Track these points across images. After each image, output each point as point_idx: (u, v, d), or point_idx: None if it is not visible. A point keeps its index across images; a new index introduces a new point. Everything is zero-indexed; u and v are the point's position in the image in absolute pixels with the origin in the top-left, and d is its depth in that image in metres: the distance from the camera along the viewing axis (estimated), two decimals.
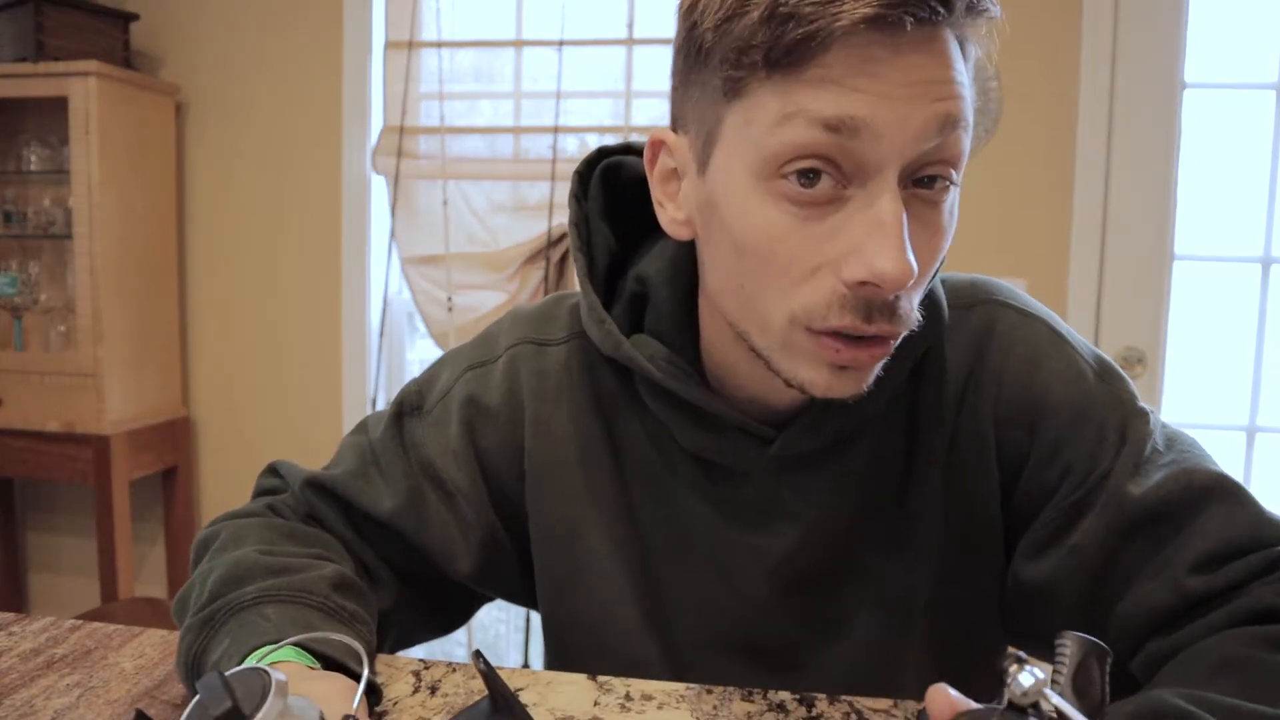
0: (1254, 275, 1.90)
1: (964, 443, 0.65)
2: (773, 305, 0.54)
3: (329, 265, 2.22)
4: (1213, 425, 1.93)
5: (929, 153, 0.51)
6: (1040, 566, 0.63)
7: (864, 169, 0.51)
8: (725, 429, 0.64)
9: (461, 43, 2.13)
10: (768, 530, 0.66)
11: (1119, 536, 0.60)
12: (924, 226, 0.53)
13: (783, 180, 0.51)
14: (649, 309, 0.66)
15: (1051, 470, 0.63)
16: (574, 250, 0.67)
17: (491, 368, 0.72)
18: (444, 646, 2.50)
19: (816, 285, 0.52)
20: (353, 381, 2.21)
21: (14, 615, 0.76)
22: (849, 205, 0.51)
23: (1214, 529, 0.57)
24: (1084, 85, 1.86)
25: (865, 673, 0.68)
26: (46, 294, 2.19)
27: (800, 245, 0.52)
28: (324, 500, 0.73)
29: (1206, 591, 0.56)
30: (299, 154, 2.21)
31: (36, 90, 2.02)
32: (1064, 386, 0.63)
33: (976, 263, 1.94)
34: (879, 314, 0.52)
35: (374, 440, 0.74)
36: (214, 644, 0.60)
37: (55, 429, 2.08)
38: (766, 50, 0.50)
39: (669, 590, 0.69)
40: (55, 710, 0.60)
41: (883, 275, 0.49)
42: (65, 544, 2.47)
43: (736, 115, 0.53)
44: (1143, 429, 0.62)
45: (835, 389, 0.55)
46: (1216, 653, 0.52)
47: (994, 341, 0.65)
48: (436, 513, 0.71)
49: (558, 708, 0.62)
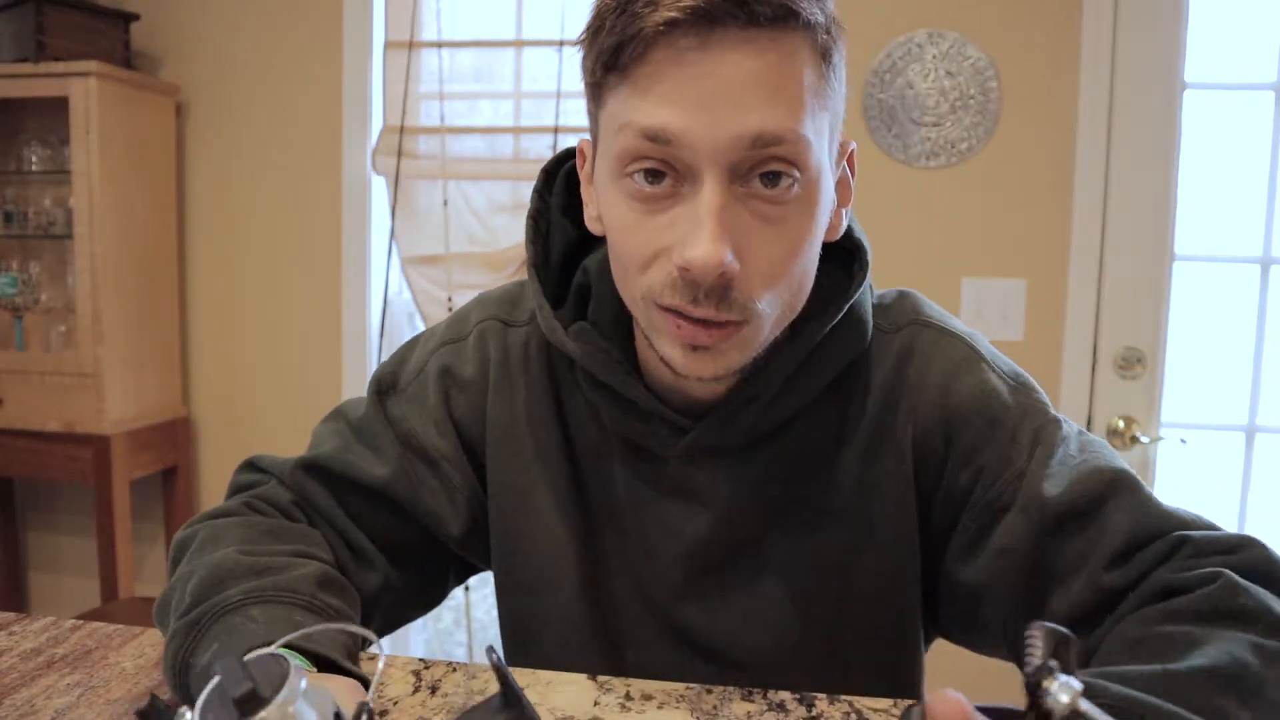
0: (1254, 276, 1.90)
1: (884, 452, 0.69)
2: (634, 287, 0.61)
3: (329, 265, 2.22)
4: (1212, 425, 1.93)
5: (753, 156, 0.56)
6: (974, 569, 0.67)
7: (691, 170, 0.57)
8: (646, 415, 0.69)
9: (461, 43, 2.13)
10: (683, 514, 0.71)
11: (1042, 536, 0.64)
12: (765, 222, 0.58)
13: (629, 179, 0.58)
14: (591, 299, 0.72)
15: (966, 473, 0.68)
16: (527, 242, 0.72)
17: (464, 343, 0.78)
18: (444, 646, 2.50)
19: (658, 268, 0.59)
20: (353, 381, 2.21)
21: (14, 615, 0.76)
22: (683, 200, 0.57)
23: (1123, 523, 0.62)
24: (1084, 85, 1.86)
25: (790, 665, 0.71)
26: (47, 294, 2.19)
27: (645, 235, 0.59)
28: (315, 480, 0.75)
29: (1123, 584, 0.61)
30: (299, 154, 2.21)
31: (37, 90, 2.02)
32: (978, 398, 0.68)
33: (977, 263, 1.95)
34: (705, 298, 0.57)
35: (355, 420, 0.78)
36: (201, 648, 0.59)
37: (55, 429, 2.08)
38: (606, 57, 0.57)
39: (605, 562, 0.74)
40: (56, 710, 0.60)
41: (691, 262, 0.55)
42: (65, 544, 2.47)
43: (601, 122, 0.61)
44: (1054, 433, 0.67)
45: (693, 368, 0.60)
46: (1128, 634, 0.57)
47: (914, 359, 0.70)
48: (425, 480, 0.75)
49: (558, 707, 0.62)
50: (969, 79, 1.91)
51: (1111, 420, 1.91)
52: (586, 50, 0.61)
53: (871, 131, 1.95)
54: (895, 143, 1.94)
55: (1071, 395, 1.91)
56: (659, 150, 0.56)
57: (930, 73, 1.92)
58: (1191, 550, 0.60)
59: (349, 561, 0.74)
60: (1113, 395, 1.91)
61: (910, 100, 1.93)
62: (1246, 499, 1.92)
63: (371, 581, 0.74)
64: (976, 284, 1.95)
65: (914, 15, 1.92)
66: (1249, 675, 0.51)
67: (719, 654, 0.72)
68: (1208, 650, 0.52)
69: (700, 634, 0.72)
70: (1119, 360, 1.91)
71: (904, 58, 1.93)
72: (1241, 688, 0.51)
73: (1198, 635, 0.54)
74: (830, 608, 0.71)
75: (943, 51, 1.91)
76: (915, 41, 1.92)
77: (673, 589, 0.72)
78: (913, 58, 1.92)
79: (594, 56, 0.59)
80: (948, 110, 1.92)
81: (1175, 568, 0.60)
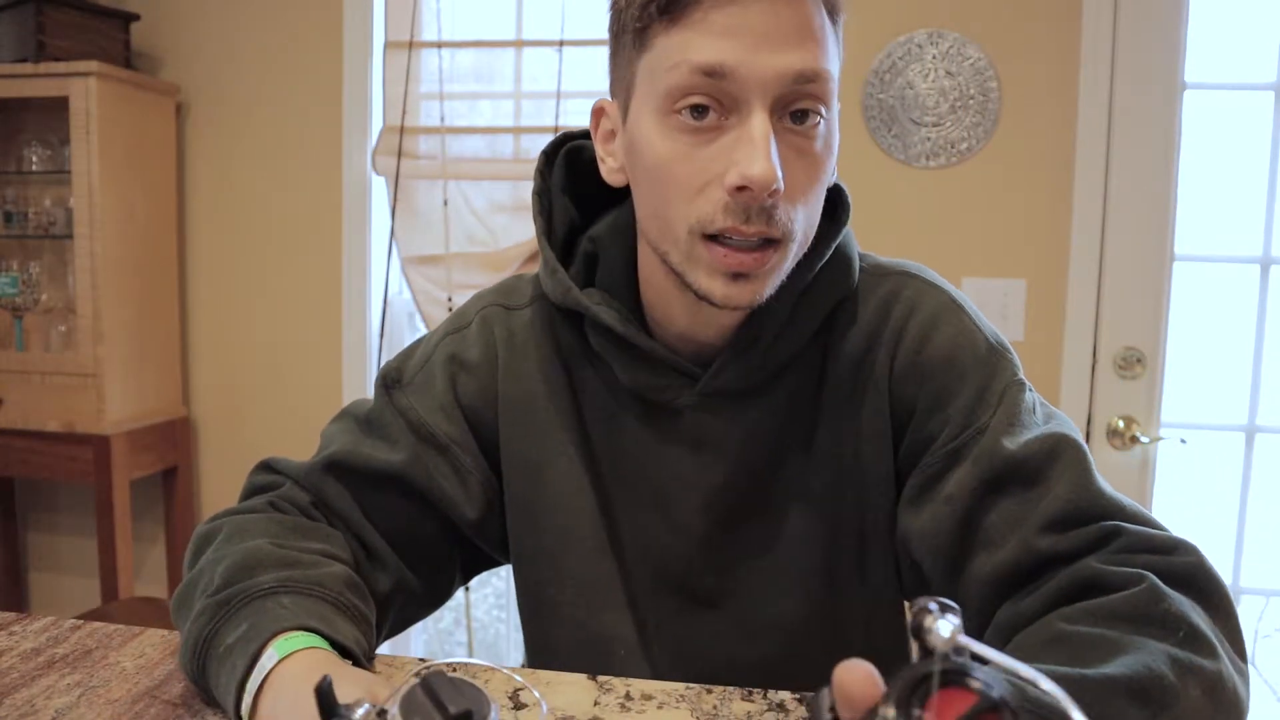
0: (1253, 276, 1.90)
1: (864, 394, 0.72)
2: (678, 219, 0.64)
3: (329, 265, 2.22)
4: (1212, 425, 1.93)
5: (794, 91, 0.61)
6: (919, 516, 0.69)
7: (739, 103, 0.61)
8: (658, 366, 0.72)
9: (461, 43, 2.13)
10: (699, 461, 0.73)
11: (986, 488, 0.66)
12: (798, 154, 0.63)
13: (677, 115, 0.62)
14: (600, 265, 0.75)
15: (933, 420, 0.70)
16: (535, 214, 0.77)
17: (467, 330, 0.80)
18: (444, 646, 2.50)
19: (707, 197, 0.62)
20: (353, 381, 2.21)
21: (14, 615, 0.76)
22: (730, 132, 0.62)
23: (1064, 492, 0.63)
24: (1084, 85, 1.86)
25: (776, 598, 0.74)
26: (47, 294, 2.19)
27: (693, 166, 0.63)
28: (332, 478, 0.76)
29: (1051, 554, 0.62)
30: (299, 154, 2.21)
31: (37, 90, 2.02)
32: (954, 348, 0.70)
33: (977, 263, 1.95)
34: (756, 217, 0.61)
35: (363, 415, 0.80)
36: (228, 628, 0.61)
37: (55, 429, 2.08)
38: (662, 1, 0.61)
39: (620, 523, 0.76)
40: (56, 709, 0.60)
41: (750, 178, 0.59)
42: (65, 544, 2.47)
43: (644, 66, 0.64)
44: (1019, 394, 0.69)
45: (733, 297, 0.64)
46: (1048, 630, 0.58)
47: (899, 305, 0.73)
48: (437, 466, 0.77)
49: (558, 707, 0.62)
50: (969, 79, 1.91)
51: (1111, 420, 1.91)
52: (627, 2, 0.64)
53: (871, 131, 1.95)
54: (895, 143, 1.94)
55: (1071, 395, 1.91)
56: (711, 85, 0.60)
57: (930, 73, 1.92)
58: (1124, 544, 0.61)
59: (364, 562, 0.75)
60: (1113, 395, 1.91)
61: (910, 100, 1.93)
62: (1246, 499, 1.92)
63: (384, 583, 0.75)
64: (976, 284, 1.95)
65: (914, 15, 1.92)
66: (1163, 687, 0.51)
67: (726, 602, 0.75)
68: (1124, 659, 0.53)
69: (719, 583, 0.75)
70: (1119, 360, 1.91)
71: (904, 58, 1.93)
72: (1154, 700, 0.51)
73: (1115, 640, 0.55)
74: (822, 547, 0.73)
75: (943, 51, 1.91)
76: (915, 41, 1.92)
77: (689, 541, 0.74)
78: (913, 58, 1.92)
79: (641, 3, 0.63)
80: (948, 110, 1.92)
81: (1105, 559, 0.60)
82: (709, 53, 0.60)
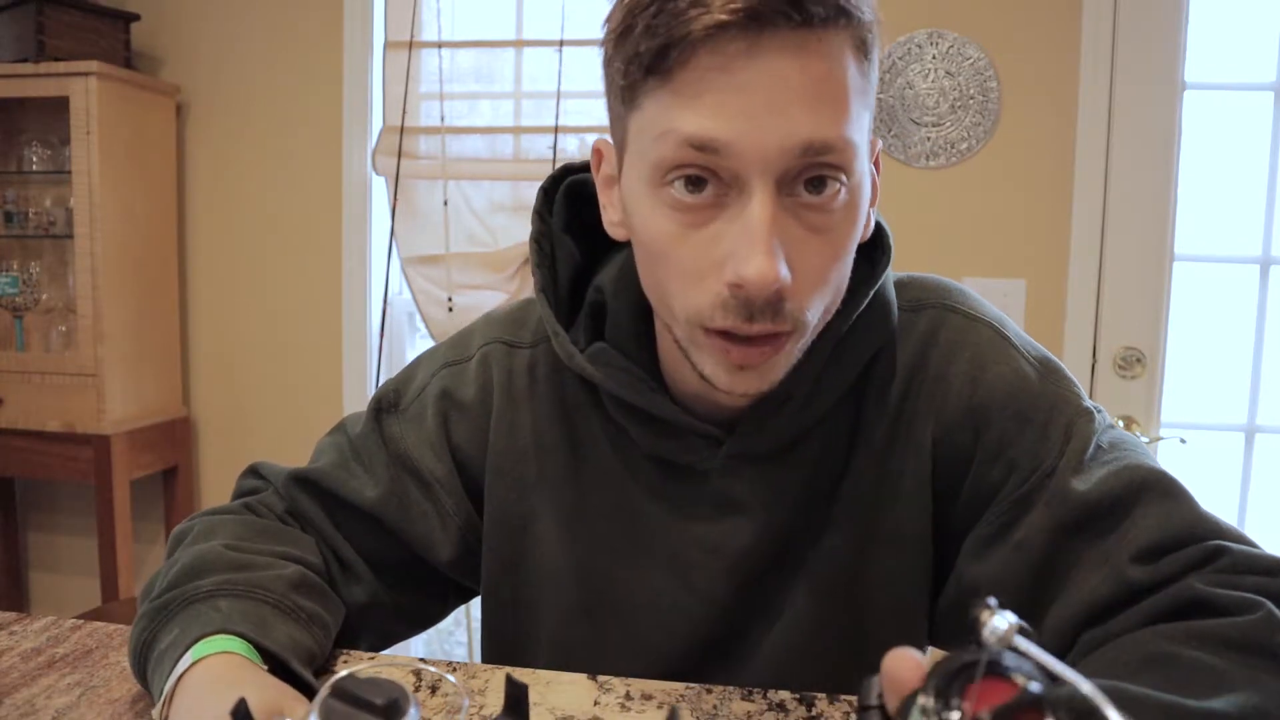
0: (1253, 276, 1.90)
1: (902, 448, 0.67)
2: (676, 304, 0.58)
3: (329, 265, 2.22)
4: (1212, 425, 1.92)
5: (803, 164, 0.53)
6: (985, 565, 0.64)
7: (737, 179, 0.53)
8: (678, 431, 0.66)
9: (461, 43, 2.13)
10: (725, 527, 0.68)
11: (1063, 532, 0.60)
12: (812, 232, 0.55)
13: (669, 188, 0.55)
14: (607, 317, 0.68)
15: (995, 469, 0.64)
16: (533, 266, 0.69)
17: (466, 365, 0.75)
18: (444, 646, 2.50)
19: (704, 289, 0.55)
20: (353, 382, 2.21)
21: (15, 615, 0.76)
22: (728, 211, 0.54)
23: (1154, 522, 0.57)
24: (1084, 85, 1.86)
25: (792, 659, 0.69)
26: (47, 294, 2.19)
27: (688, 251, 0.55)
28: (306, 494, 0.75)
29: (1148, 582, 0.56)
30: (299, 154, 2.21)
31: (37, 90, 2.02)
32: (1008, 389, 0.64)
33: (977, 263, 1.95)
34: (760, 315, 0.54)
35: (354, 437, 0.77)
36: (164, 633, 0.60)
37: (56, 429, 2.08)
38: (646, 59, 0.53)
39: (622, 589, 0.71)
40: (56, 709, 0.60)
41: (747, 279, 0.52)
42: (65, 544, 2.47)
43: (634, 125, 0.57)
44: (1087, 428, 0.63)
45: (737, 386, 0.58)
46: (1145, 647, 0.52)
47: (938, 347, 0.67)
48: (417, 502, 0.73)
49: (558, 707, 0.62)
50: (969, 79, 1.91)
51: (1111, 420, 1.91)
52: (614, 50, 0.56)
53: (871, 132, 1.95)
54: (895, 143, 1.95)
55: None
56: (704, 159, 0.53)
57: (930, 73, 1.92)
58: (1229, 564, 0.55)
59: (337, 574, 0.74)
60: (1113, 395, 1.91)
61: (910, 100, 1.93)
62: (1246, 499, 1.92)
63: (358, 595, 0.73)
64: (976, 284, 1.95)
65: (914, 15, 1.92)
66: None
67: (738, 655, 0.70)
68: (1233, 696, 0.47)
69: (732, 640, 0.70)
70: (1119, 360, 1.91)
71: (904, 58, 1.93)
72: None
73: (1224, 671, 0.49)
74: (844, 608, 0.69)
75: (943, 51, 1.91)
76: (915, 41, 1.92)
77: (710, 604, 0.69)
78: (913, 58, 1.92)
79: (626, 58, 0.55)
80: (948, 110, 1.92)
81: (1210, 580, 0.54)
82: (699, 124, 0.52)
